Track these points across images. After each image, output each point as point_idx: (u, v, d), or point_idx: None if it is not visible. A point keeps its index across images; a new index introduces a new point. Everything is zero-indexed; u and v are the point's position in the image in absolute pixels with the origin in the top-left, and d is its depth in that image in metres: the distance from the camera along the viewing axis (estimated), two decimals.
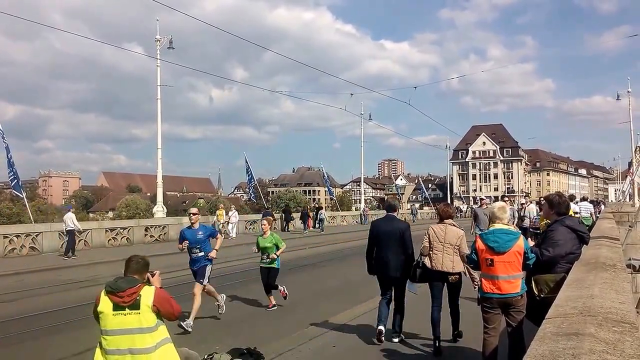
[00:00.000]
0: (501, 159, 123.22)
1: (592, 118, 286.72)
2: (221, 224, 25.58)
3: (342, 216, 43.15)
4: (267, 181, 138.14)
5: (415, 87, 74.81)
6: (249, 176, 34.25)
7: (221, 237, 8.30)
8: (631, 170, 33.79)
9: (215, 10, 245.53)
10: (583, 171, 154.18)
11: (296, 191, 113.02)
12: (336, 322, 7.76)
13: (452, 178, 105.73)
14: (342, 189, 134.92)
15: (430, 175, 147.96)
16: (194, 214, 8.02)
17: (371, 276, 6.86)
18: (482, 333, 4.85)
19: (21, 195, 22.47)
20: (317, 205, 42.83)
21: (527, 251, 4.68)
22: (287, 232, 30.47)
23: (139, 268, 3.71)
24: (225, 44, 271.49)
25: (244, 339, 6.60)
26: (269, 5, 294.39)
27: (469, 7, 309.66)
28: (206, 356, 5.31)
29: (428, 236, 6.28)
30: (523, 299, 4.68)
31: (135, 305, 3.48)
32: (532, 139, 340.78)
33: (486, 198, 24.37)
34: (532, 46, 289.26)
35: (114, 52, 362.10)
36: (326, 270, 14.79)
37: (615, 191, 77.35)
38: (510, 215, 7.34)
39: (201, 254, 7.68)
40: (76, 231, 18.04)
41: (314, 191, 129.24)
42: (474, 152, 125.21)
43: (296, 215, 33.70)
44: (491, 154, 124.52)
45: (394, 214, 6.91)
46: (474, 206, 28.86)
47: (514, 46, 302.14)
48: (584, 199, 23.04)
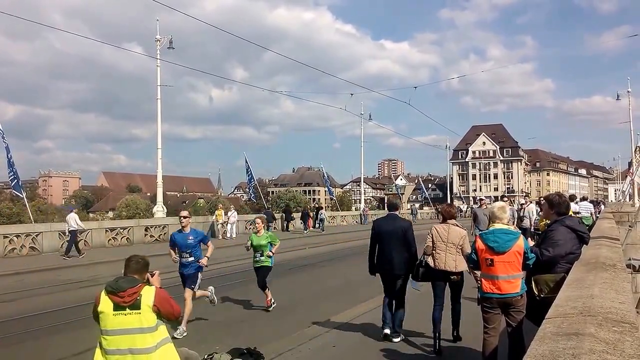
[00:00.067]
0: (501, 159, 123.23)
1: (592, 118, 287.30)
2: (220, 224, 25.63)
3: (342, 216, 43.15)
4: (267, 181, 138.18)
5: (415, 87, 74.51)
6: (249, 176, 34.24)
7: (212, 245, 7.79)
8: (631, 170, 33.76)
9: (215, 10, 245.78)
10: (583, 171, 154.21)
11: (296, 191, 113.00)
12: (336, 322, 7.76)
13: (452, 178, 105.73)
14: (342, 189, 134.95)
15: (430, 175, 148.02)
16: (184, 217, 7.60)
17: (372, 276, 6.86)
18: (482, 333, 4.86)
19: (21, 195, 22.44)
20: (317, 205, 42.84)
21: (527, 251, 4.68)
22: (287, 232, 30.50)
23: (139, 268, 3.71)
24: (225, 44, 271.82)
25: (244, 339, 6.60)
26: (269, 5, 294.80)
27: (469, 7, 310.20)
28: (206, 356, 5.31)
29: (431, 236, 6.33)
30: (523, 299, 4.68)
31: (136, 305, 3.48)
32: (532, 139, 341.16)
33: (486, 198, 24.34)
34: (532, 46, 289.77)
35: (114, 52, 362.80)
36: (326, 270, 14.78)
37: (615, 191, 77.35)
38: (510, 215, 7.34)
39: (191, 259, 7.38)
40: (78, 231, 18.08)
41: (314, 191, 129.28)
42: (474, 152, 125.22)
43: (296, 215, 33.71)
44: (491, 154, 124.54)
45: (396, 212, 6.93)
46: (473, 206, 28.85)
47: (513, 46, 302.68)
48: (584, 198, 23.08)
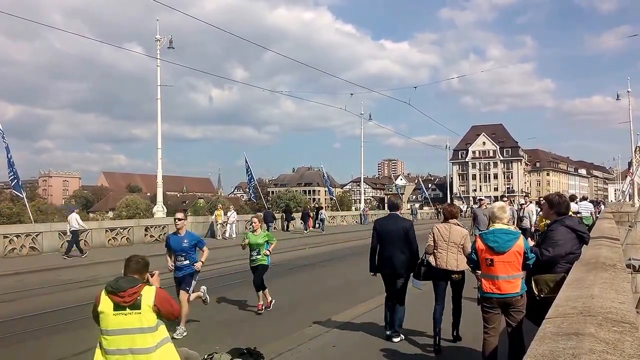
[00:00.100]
0: (501, 159, 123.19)
1: (592, 118, 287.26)
2: (219, 224, 25.60)
3: (342, 216, 43.17)
4: (267, 181, 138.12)
5: (415, 87, 74.85)
6: (248, 176, 34.23)
7: (207, 250, 7.56)
8: (631, 170, 33.76)
9: (215, 10, 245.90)
10: (583, 171, 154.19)
11: (296, 191, 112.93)
12: (336, 322, 7.76)
13: (452, 178, 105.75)
14: (342, 189, 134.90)
15: (430, 175, 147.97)
16: (179, 219, 7.36)
17: (372, 276, 6.87)
18: (482, 333, 4.86)
19: (21, 195, 22.44)
20: (317, 205, 42.84)
21: (527, 251, 4.68)
22: (287, 232, 30.51)
23: (139, 268, 3.71)
24: (225, 43, 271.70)
25: (244, 339, 6.60)
26: (269, 5, 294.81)
27: (469, 7, 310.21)
28: (206, 356, 5.31)
29: (433, 235, 6.37)
30: (523, 299, 4.68)
31: (136, 305, 3.47)
32: (532, 139, 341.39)
33: (485, 198, 24.35)
34: (532, 46, 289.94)
35: (114, 52, 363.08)
36: (326, 270, 14.79)
37: (615, 191, 77.34)
38: (510, 215, 7.34)
39: (186, 262, 7.23)
40: (79, 231, 18.08)
41: (314, 191, 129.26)
42: (473, 152, 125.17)
43: (297, 216, 33.71)
44: (491, 154, 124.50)
45: (397, 212, 6.97)
46: (473, 206, 28.83)
47: (513, 46, 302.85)
48: (584, 198, 23.12)
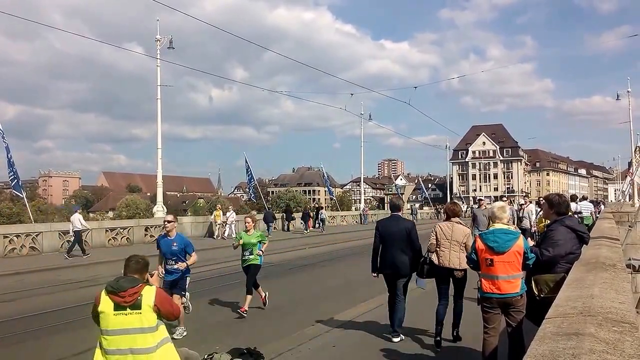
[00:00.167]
0: (501, 159, 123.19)
1: (592, 118, 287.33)
2: (218, 224, 25.57)
3: (342, 216, 43.18)
4: (267, 181, 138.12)
5: (415, 87, 74.40)
6: (248, 176, 34.23)
7: (196, 256, 7.33)
8: (631, 170, 33.73)
9: (215, 10, 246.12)
10: (583, 171, 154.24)
11: (296, 191, 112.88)
12: (336, 322, 7.77)
13: (452, 178, 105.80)
14: (342, 189, 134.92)
15: (430, 175, 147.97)
16: (169, 222, 7.21)
17: (372, 276, 6.87)
18: (482, 333, 4.86)
19: (21, 195, 22.44)
20: (317, 205, 42.83)
21: (527, 251, 4.68)
22: (287, 232, 30.51)
23: (139, 268, 3.71)
24: (225, 44, 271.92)
25: (244, 339, 6.60)
26: (269, 5, 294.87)
27: (469, 7, 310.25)
28: (206, 356, 5.31)
29: (435, 233, 6.41)
30: (523, 298, 4.68)
31: (137, 305, 3.47)
32: (532, 139, 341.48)
33: (485, 198, 24.34)
34: (532, 46, 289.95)
35: (114, 52, 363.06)
36: (326, 270, 14.79)
37: (615, 191, 77.39)
38: (510, 214, 7.35)
39: (176, 266, 7.10)
40: (82, 231, 18.07)
41: (313, 191, 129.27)
42: (473, 152, 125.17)
43: (297, 216, 33.72)
44: (491, 154, 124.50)
45: (399, 213, 7.03)
46: (473, 206, 28.82)
47: (513, 46, 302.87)
48: (584, 198, 23.17)
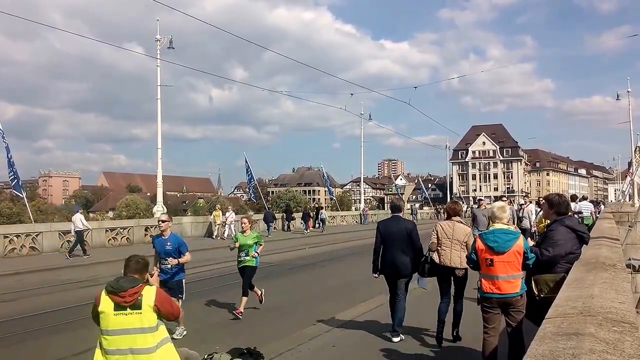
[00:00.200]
0: (501, 159, 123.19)
1: (592, 118, 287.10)
2: (217, 225, 25.52)
3: (342, 216, 43.18)
4: (267, 181, 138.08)
5: (415, 87, 74.15)
6: (248, 176, 34.24)
7: (189, 256, 7.22)
8: (631, 170, 33.72)
9: (215, 10, 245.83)
10: (583, 171, 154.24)
11: (296, 191, 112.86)
12: (336, 322, 7.77)
13: (452, 178, 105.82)
14: (342, 189, 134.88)
15: (430, 175, 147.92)
16: (163, 222, 7.17)
17: (373, 276, 6.87)
18: (482, 333, 4.86)
19: (21, 195, 22.44)
20: (317, 205, 42.84)
21: (527, 251, 4.68)
22: (288, 232, 30.52)
23: (139, 268, 3.71)
24: (225, 44, 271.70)
25: (244, 339, 6.60)
26: (269, 5, 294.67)
27: (469, 7, 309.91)
28: (206, 356, 5.32)
29: (436, 232, 6.43)
30: (523, 298, 4.68)
31: (137, 305, 3.47)
32: (532, 139, 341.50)
33: (485, 198, 24.35)
34: (532, 46, 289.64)
35: (114, 52, 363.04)
36: (326, 270, 14.79)
37: (615, 191, 77.43)
38: (510, 214, 7.36)
39: (169, 266, 7.03)
40: (83, 232, 18.08)
41: (313, 191, 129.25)
42: (473, 152, 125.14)
43: (297, 216, 33.72)
44: (491, 154, 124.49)
45: (400, 214, 7.05)
46: (473, 206, 28.83)
47: (513, 46, 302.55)
48: (584, 198, 23.20)
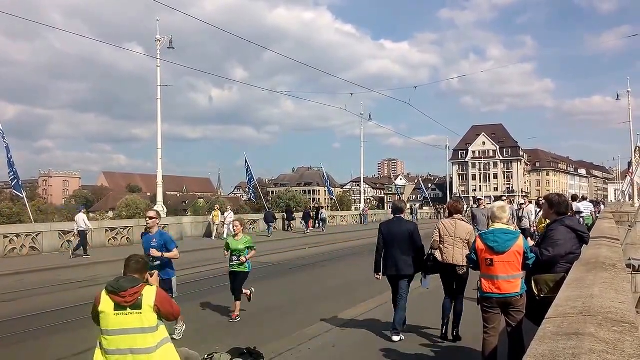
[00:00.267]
0: (501, 159, 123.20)
1: (592, 118, 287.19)
2: (216, 225, 25.52)
3: (342, 216, 43.20)
4: (267, 181, 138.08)
5: (415, 87, 74.07)
6: (248, 176, 34.23)
7: (177, 252, 6.96)
8: (631, 170, 33.71)
9: (215, 10, 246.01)
10: (583, 171, 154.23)
11: (296, 191, 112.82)
12: (336, 322, 7.76)
13: (452, 178, 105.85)
14: (342, 189, 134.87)
15: (430, 175, 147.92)
16: (150, 218, 6.93)
17: (372, 276, 6.88)
18: (482, 333, 4.86)
19: (21, 195, 22.43)
20: (317, 205, 42.84)
21: (527, 251, 4.68)
22: (288, 232, 30.52)
23: (139, 268, 3.71)
24: (225, 44, 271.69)
25: (244, 339, 6.59)
26: (269, 5, 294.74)
27: (469, 7, 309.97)
28: (206, 356, 5.31)
29: (438, 230, 6.45)
30: (523, 298, 4.68)
31: (137, 305, 3.47)
32: (532, 139, 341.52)
33: (484, 198, 24.33)
34: (532, 46, 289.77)
35: (114, 52, 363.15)
36: (326, 270, 14.80)
37: (615, 191, 77.45)
38: (510, 214, 7.36)
39: (157, 263, 6.67)
40: (86, 231, 18.07)
41: (313, 191, 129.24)
42: (473, 152, 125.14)
43: (298, 216, 33.73)
44: (491, 154, 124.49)
45: (401, 215, 7.08)
46: (473, 206, 28.83)
47: (513, 46, 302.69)
48: (583, 198, 23.19)
